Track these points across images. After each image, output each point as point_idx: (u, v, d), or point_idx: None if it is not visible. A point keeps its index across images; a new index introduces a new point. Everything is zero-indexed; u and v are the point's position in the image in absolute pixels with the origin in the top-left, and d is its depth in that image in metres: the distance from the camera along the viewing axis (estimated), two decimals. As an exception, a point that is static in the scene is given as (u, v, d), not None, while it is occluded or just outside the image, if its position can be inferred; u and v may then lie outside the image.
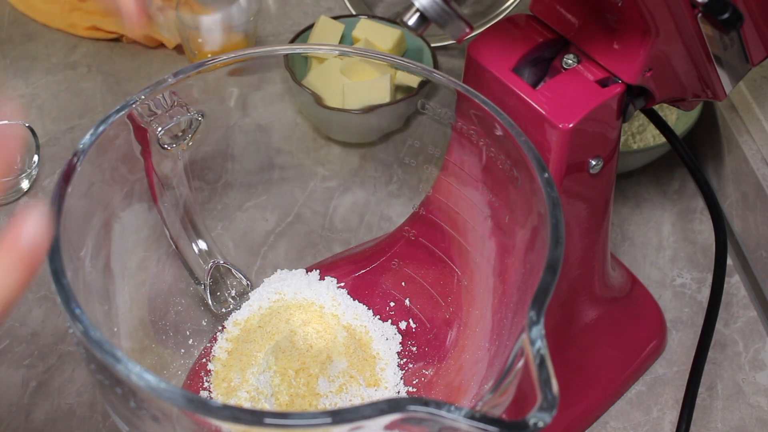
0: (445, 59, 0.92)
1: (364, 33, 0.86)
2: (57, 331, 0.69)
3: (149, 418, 0.43)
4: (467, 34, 0.48)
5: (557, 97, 0.52)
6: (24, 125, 0.79)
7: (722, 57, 0.55)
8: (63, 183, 0.48)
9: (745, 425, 0.66)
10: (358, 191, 0.74)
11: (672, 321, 0.72)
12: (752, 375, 0.69)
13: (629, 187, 0.81)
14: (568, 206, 0.55)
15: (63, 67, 0.90)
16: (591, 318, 0.64)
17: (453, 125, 0.58)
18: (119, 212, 0.56)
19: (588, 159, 0.55)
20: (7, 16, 0.95)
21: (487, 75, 0.54)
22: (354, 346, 0.61)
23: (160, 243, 0.61)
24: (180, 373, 0.61)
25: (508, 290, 0.55)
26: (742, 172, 0.75)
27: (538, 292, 0.43)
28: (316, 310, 0.63)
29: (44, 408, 0.64)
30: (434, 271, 0.64)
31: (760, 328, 0.72)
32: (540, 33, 0.55)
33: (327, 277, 0.66)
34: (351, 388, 0.58)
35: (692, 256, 0.76)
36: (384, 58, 0.61)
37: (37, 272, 0.35)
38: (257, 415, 0.38)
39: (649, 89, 0.54)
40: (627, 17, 0.51)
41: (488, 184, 0.57)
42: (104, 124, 0.51)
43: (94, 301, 0.52)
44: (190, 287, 0.64)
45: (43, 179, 0.79)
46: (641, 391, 0.68)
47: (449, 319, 0.63)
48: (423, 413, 0.38)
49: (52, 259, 0.44)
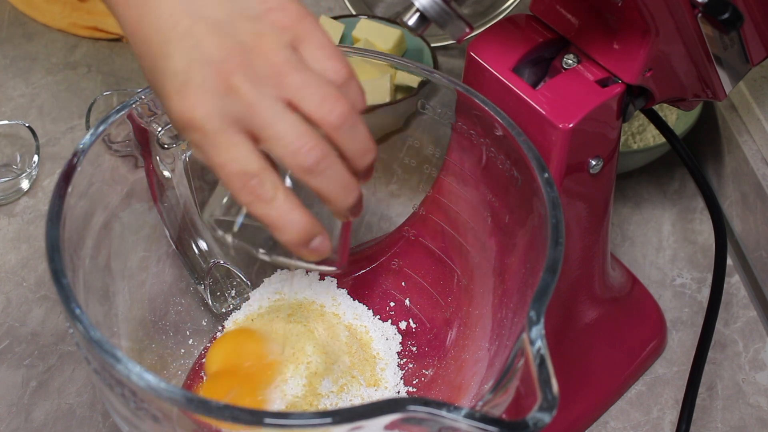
0: (445, 59, 0.92)
1: (364, 33, 0.86)
2: (57, 331, 0.69)
3: (149, 418, 0.43)
4: (467, 34, 0.48)
5: (557, 97, 0.52)
6: (24, 125, 0.79)
7: (722, 57, 0.55)
8: (63, 183, 0.48)
9: (745, 425, 0.66)
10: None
11: (672, 321, 0.72)
12: (752, 375, 0.69)
13: (629, 187, 0.81)
14: (568, 206, 0.55)
15: (63, 67, 0.90)
16: (591, 318, 0.64)
17: (453, 125, 0.58)
18: (119, 212, 0.56)
19: (588, 159, 0.55)
20: (7, 16, 0.95)
21: (487, 75, 0.54)
22: (356, 346, 0.61)
23: (160, 243, 0.61)
24: (180, 373, 0.61)
25: (508, 290, 0.55)
26: (742, 172, 0.75)
27: (538, 292, 0.43)
28: (317, 309, 0.63)
29: (44, 408, 0.64)
30: (434, 271, 0.64)
31: (760, 328, 0.72)
32: (540, 33, 0.55)
33: (327, 277, 0.66)
34: (351, 388, 0.58)
35: (692, 256, 0.76)
36: (384, 58, 0.61)
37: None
38: (257, 415, 0.38)
39: (649, 89, 0.54)
40: (627, 17, 0.51)
41: (488, 184, 0.57)
42: (104, 124, 0.52)
43: (94, 301, 0.52)
44: (190, 287, 0.64)
45: (43, 179, 0.79)
46: (641, 391, 0.68)
47: (449, 318, 0.63)
48: (423, 413, 0.38)
49: (52, 259, 0.44)
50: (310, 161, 0.41)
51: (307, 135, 0.41)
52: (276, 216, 0.42)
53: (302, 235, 0.43)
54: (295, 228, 0.43)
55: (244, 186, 0.42)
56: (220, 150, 0.42)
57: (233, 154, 0.41)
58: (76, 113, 0.85)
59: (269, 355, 0.58)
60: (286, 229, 0.43)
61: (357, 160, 0.43)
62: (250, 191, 0.42)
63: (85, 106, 0.81)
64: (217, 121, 0.41)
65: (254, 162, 0.42)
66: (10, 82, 0.88)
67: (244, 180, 0.42)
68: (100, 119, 0.52)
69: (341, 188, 0.43)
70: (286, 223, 0.43)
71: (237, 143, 0.41)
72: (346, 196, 0.43)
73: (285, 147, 0.41)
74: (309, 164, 0.41)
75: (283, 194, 0.42)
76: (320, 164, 0.42)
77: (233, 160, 0.42)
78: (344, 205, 0.44)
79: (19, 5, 0.95)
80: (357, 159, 0.43)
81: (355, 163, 0.44)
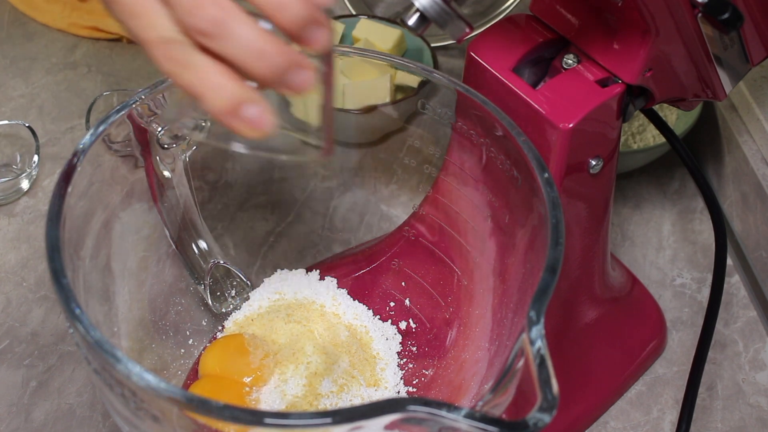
0: (445, 59, 0.92)
1: (364, 33, 0.86)
2: (57, 331, 0.69)
3: (149, 418, 0.43)
4: (467, 34, 0.48)
5: (557, 97, 0.52)
6: (24, 125, 0.79)
7: (722, 57, 0.55)
8: (63, 183, 0.48)
9: (745, 425, 0.66)
10: (358, 191, 0.74)
11: (672, 321, 0.72)
12: (752, 375, 0.69)
13: (629, 187, 0.81)
14: (568, 206, 0.55)
15: (63, 67, 0.90)
16: (591, 318, 0.64)
17: (453, 125, 0.58)
18: (119, 212, 0.56)
19: (588, 159, 0.55)
20: (7, 16, 0.95)
21: (487, 75, 0.54)
22: (356, 346, 0.61)
23: (160, 243, 0.61)
24: (180, 373, 0.61)
25: (508, 290, 0.55)
26: (742, 172, 0.76)
27: (538, 292, 0.43)
28: (317, 309, 0.63)
29: (44, 408, 0.64)
30: (434, 271, 0.64)
31: (760, 328, 0.72)
32: (540, 33, 0.55)
33: (327, 277, 0.66)
34: (351, 388, 0.58)
35: (692, 256, 0.76)
36: (384, 58, 0.61)
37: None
38: (257, 415, 0.38)
39: (649, 89, 0.54)
40: (627, 17, 0.51)
41: (488, 184, 0.57)
42: (104, 124, 0.52)
43: (94, 301, 0.52)
44: (190, 287, 0.64)
45: (43, 179, 0.79)
46: (641, 391, 0.68)
47: (449, 318, 0.63)
48: (423, 413, 0.38)
49: (52, 259, 0.44)
50: (204, 23, 0.37)
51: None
52: (198, 81, 0.38)
53: (229, 100, 0.38)
54: (219, 93, 0.38)
55: (165, 54, 0.38)
56: (137, 20, 0.39)
57: (150, 21, 0.38)
58: (76, 113, 0.85)
59: (253, 364, 0.58)
60: (208, 95, 0.38)
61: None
62: (170, 58, 0.38)
63: (85, 106, 0.81)
64: None
65: (171, 27, 0.38)
66: (10, 82, 0.88)
67: (163, 47, 0.38)
68: (100, 119, 0.52)
69: (255, 52, 0.38)
70: (208, 88, 0.38)
71: (153, 11, 0.38)
72: (260, 60, 0.38)
73: (181, 7, 0.38)
74: (203, 27, 0.37)
75: (204, 58, 0.38)
76: (218, 27, 0.37)
77: (150, 27, 0.39)
78: (261, 71, 0.38)
79: (19, 5, 0.95)
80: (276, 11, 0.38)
81: (276, 18, 0.38)
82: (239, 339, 0.60)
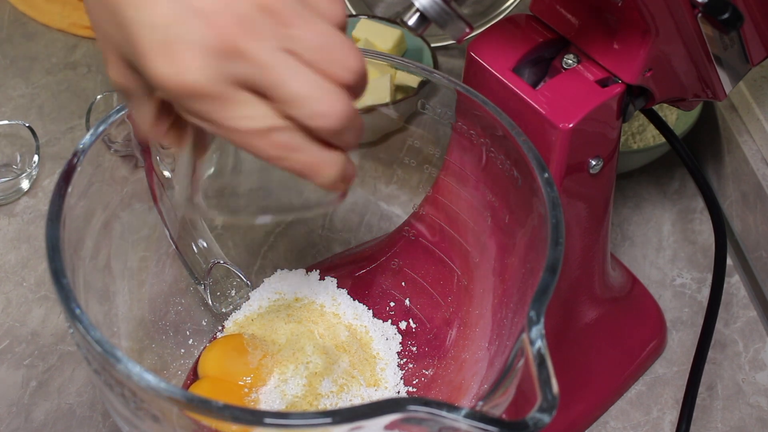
0: (445, 59, 0.92)
1: (364, 33, 0.86)
2: (57, 331, 0.69)
3: (149, 418, 0.43)
4: (467, 34, 0.48)
5: (557, 97, 0.52)
6: (24, 125, 0.79)
7: (722, 57, 0.55)
8: (63, 183, 0.48)
9: (745, 425, 0.66)
10: (358, 191, 0.74)
11: (672, 321, 0.72)
12: (752, 375, 0.69)
13: (629, 187, 0.81)
14: (568, 206, 0.55)
15: (63, 67, 0.90)
16: (591, 318, 0.64)
17: (453, 125, 0.58)
18: (119, 212, 0.56)
19: (588, 159, 0.55)
20: (7, 16, 0.95)
21: (487, 75, 0.54)
22: (356, 346, 0.61)
23: (160, 243, 0.61)
24: (180, 373, 0.61)
25: (508, 290, 0.55)
26: (742, 172, 0.75)
27: (538, 292, 0.43)
28: (317, 309, 0.63)
29: (44, 408, 0.64)
30: (434, 271, 0.64)
31: (760, 328, 0.72)
32: (540, 33, 0.55)
33: (327, 277, 0.66)
34: (351, 388, 0.58)
35: (692, 256, 0.76)
36: (384, 58, 0.61)
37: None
38: (257, 415, 0.38)
39: (649, 89, 0.54)
40: (627, 17, 0.51)
41: (488, 184, 0.57)
42: (104, 124, 0.52)
43: (94, 301, 0.52)
44: (190, 287, 0.64)
45: (43, 179, 0.79)
46: (641, 391, 0.68)
47: (449, 318, 0.63)
48: (423, 413, 0.38)
49: (52, 259, 0.44)
50: (336, 123, 0.38)
51: (332, 93, 0.38)
52: (312, 160, 0.39)
53: (342, 167, 0.40)
54: (335, 165, 0.40)
55: (270, 142, 0.38)
56: (230, 112, 0.38)
57: (247, 112, 0.38)
58: (76, 113, 0.85)
59: (252, 365, 0.58)
60: (325, 170, 0.39)
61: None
62: (278, 145, 0.38)
63: (85, 106, 0.81)
64: (222, 84, 0.37)
65: (272, 115, 0.38)
66: (10, 82, 0.88)
67: (267, 136, 0.38)
68: (100, 119, 0.52)
69: (358, 138, 0.41)
70: (325, 164, 0.39)
71: (247, 101, 0.38)
72: (357, 139, 0.41)
73: (306, 108, 0.38)
74: (335, 126, 0.38)
75: (307, 137, 0.39)
76: (345, 123, 0.39)
77: (249, 118, 0.38)
78: (345, 143, 0.40)
79: (19, 5, 0.95)
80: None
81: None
82: (238, 339, 0.60)
